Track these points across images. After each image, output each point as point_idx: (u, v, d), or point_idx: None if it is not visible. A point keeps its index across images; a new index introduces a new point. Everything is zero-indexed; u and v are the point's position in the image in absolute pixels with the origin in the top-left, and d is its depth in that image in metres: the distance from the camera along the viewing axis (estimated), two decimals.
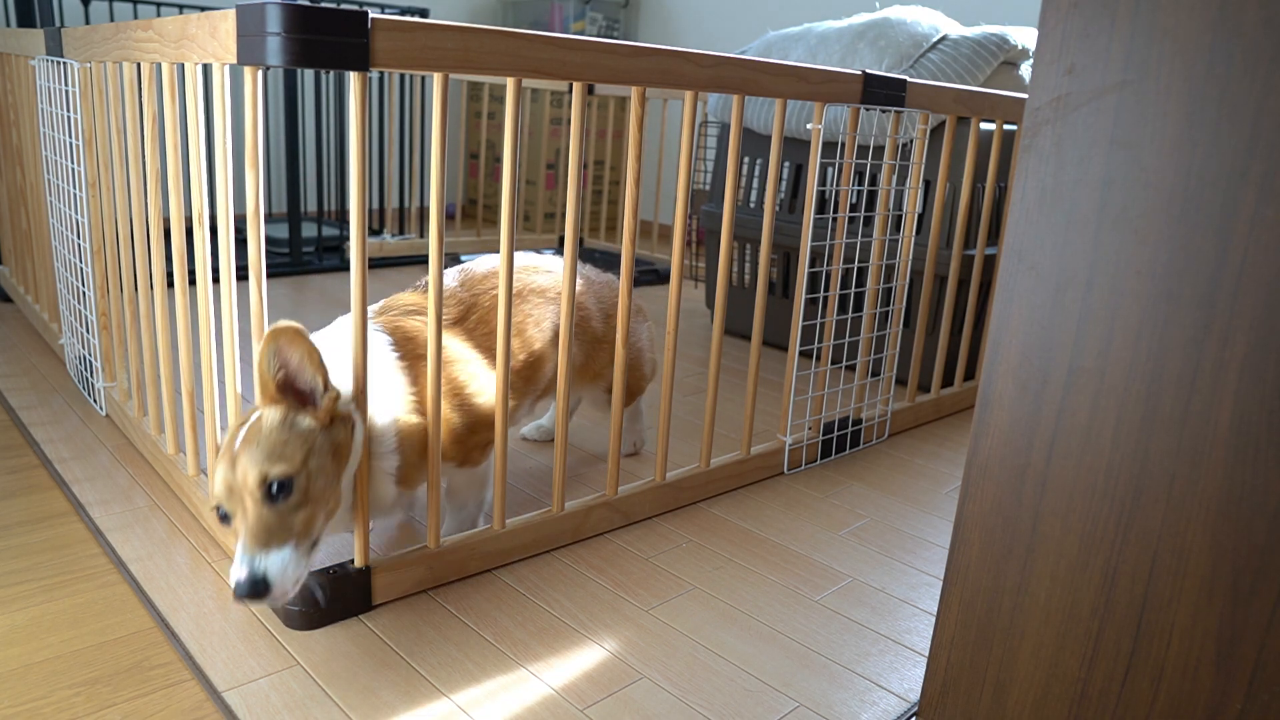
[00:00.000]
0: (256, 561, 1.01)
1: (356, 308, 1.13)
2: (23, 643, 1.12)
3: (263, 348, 1.05)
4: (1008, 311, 0.82)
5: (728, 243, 1.56)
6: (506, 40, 1.13)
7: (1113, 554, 0.78)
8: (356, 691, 1.07)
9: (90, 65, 1.55)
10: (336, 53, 1.01)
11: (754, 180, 2.58)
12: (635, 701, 1.09)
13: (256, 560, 1.01)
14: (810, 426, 1.83)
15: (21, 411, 1.82)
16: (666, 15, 4.58)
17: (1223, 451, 0.70)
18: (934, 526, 1.60)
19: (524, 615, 1.25)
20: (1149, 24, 0.70)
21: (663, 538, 1.49)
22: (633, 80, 1.28)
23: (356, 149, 1.07)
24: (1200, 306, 0.70)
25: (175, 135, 1.29)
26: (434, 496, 1.25)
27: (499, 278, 1.43)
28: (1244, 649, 0.72)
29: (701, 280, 3.34)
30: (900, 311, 1.93)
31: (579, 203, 1.31)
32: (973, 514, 0.87)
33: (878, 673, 1.18)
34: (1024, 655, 0.86)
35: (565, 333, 1.34)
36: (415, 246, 3.59)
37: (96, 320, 1.71)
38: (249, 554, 1.01)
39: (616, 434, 1.45)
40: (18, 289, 2.48)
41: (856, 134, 1.67)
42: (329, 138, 3.59)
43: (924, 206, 2.14)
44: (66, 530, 1.39)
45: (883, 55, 2.26)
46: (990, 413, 0.84)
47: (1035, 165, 0.78)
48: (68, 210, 1.74)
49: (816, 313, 2.09)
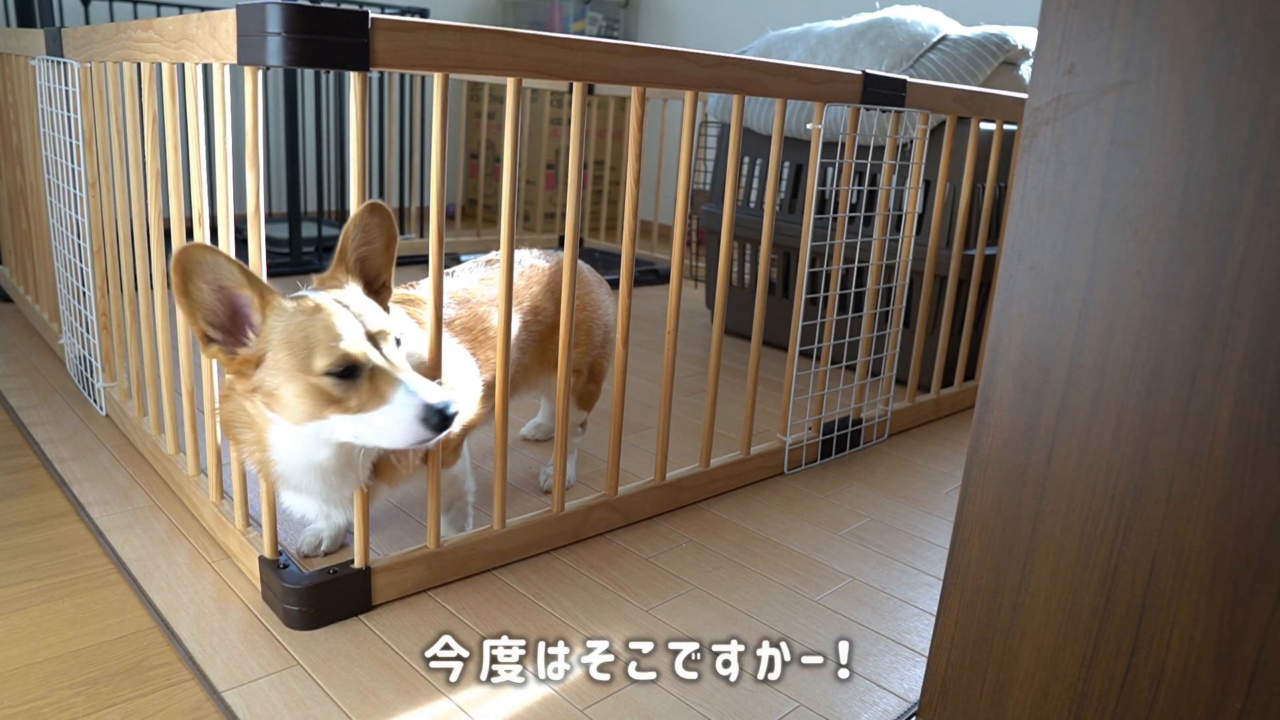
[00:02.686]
0: (433, 389, 1.01)
1: None
2: (23, 643, 1.12)
3: (355, 216, 1.06)
4: (1008, 311, 0.82)
5: (728, 243, 1.56)
6: (506, 40, 1.13)
7: (1113, 554, 0.78)
8: (356, 691, 1.07)
9: (90, 65, 1.55)
10: (336, 53, 1.01)
11: (754, 180, 2.58)
12: (635, 701, 1.09)
13: (432, 388, 1.01)
14: (810, 426, 1.83)
15: (21, 411, 1.82)
16: (666, 15, 4.58)
17: (1223, 451, 0.70)
18: (934, 526, 1.60)
19: (524, 615, 1.24)
20: (1149, 24, 0.70)
21: (663, 538, 1.49)
22: (633, 80, 1.28)
23: (356, 149, 1.07)
24: (1200, 306, 0.70)
25: (175, 135, 1.29)
26: (434, 497, 1.25)
27: (493, 278, 1.43)
28: (1244, 649, 0.72)
29: (701, 280, 3.34)
30: (900, 311, 1.93)
31: (579, 203, 1.31)
32: (973, 514, 0.87)
33: (878, 673, 1.18)
34: (1024, 655, 0.86)
35: (565, 333, 1.34)
36: (415, 246, 3.59)
37: (96, 320, 1.71)
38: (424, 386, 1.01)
39: (618, 419, 1.45)
40: (18, 289, 2.48)
41: (856, 134, 1.67)
42: (329, 138, 3.58)
43: (924, 206, 2.14)
44: (66, 530, 1.39)
45: (883, 55, 2.26)
46: (990, 413, 0.84)
47: (1035, 165, 0.78)
48: (68, 210, 1.74)
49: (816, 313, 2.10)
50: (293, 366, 1.00)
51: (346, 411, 1.01)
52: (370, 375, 1.01)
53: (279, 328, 1.01)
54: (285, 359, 1.00)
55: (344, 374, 0.99)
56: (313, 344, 0.99)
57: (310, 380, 1.00)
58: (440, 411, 0.99)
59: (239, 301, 1.02)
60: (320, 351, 0.98)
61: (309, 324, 1.00)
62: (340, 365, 0.99)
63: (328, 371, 0.99)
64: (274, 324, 1.01)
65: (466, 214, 4.71)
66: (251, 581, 1.27)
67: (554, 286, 1.49)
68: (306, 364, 0.99)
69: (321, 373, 0.99)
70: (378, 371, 1.01)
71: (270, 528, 1.22)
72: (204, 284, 0.99)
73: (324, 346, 0.99)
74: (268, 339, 1.01)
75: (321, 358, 0.98)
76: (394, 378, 1.01)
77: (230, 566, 1.32)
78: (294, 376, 1.00)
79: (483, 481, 1.64)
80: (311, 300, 1.03)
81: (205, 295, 1.00)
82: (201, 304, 1.00)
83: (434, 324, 1.17)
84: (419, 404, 0.99)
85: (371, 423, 1.01)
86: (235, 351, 1.03)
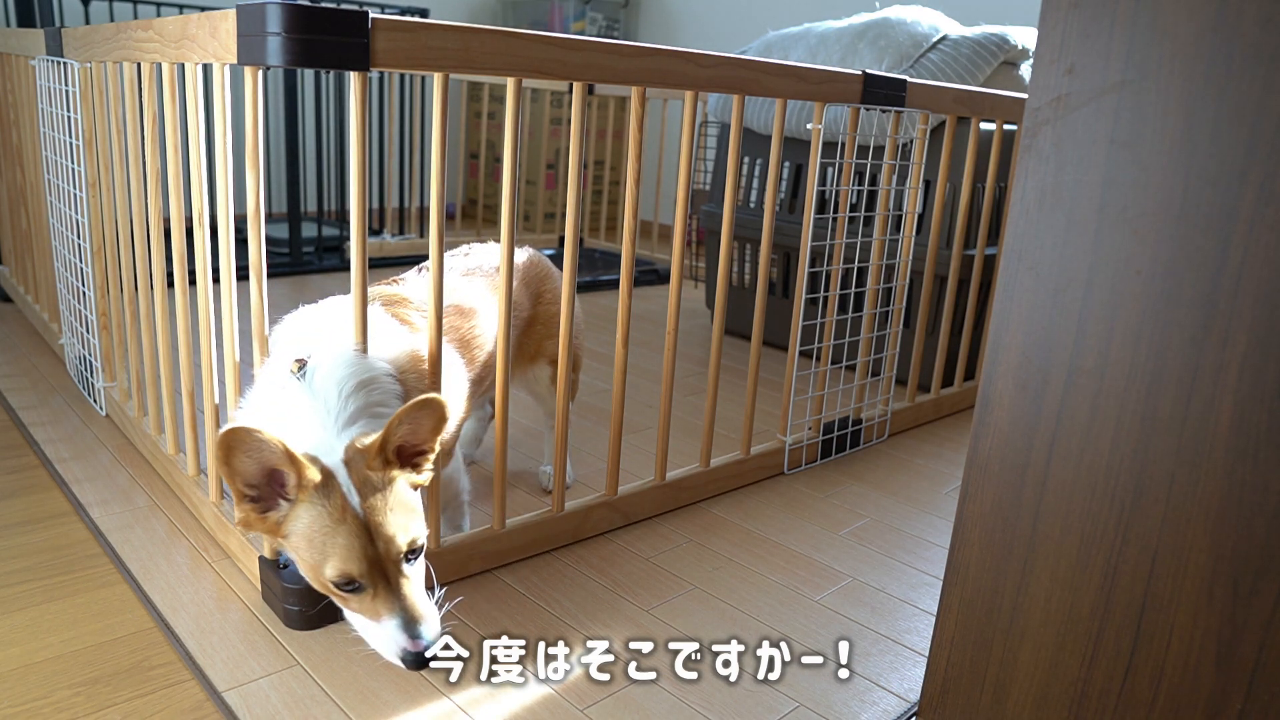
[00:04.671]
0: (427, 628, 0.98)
1: (356, 306, 1.12)
2: (23, 643, 1.12)
3: (405, 411, 1.00)
4: (1008, 311, 0.82)
5: (728, 243, 1.56)
6: (506, 40, 1.13)
7: (1113, 554, 0.78)
8: (356, 691, 1.07)
9: (90, 65, 1.55)
10: (337, 53, 1.01)
11: (754, 180, 2.58)
12: (635, 701, 1.09)
13: (426, 627, 0.98)
14: (810, 426, 1.83)
15: (21, 411, 1.82)
16: (666, 15, 4.58)
17: (1223, 451, 0.70)
18: (934, 526, 1.60)
19: (524, 615, 1.24)
20: (1149, 24, 0.70)
21: (663, 538, 1.49)
22: (633, 80, 1.28)
23: (356, 149, 1.07)
24: (1200, 306, 0.70)
25: (175, 135, 1.29)
26: (434, 498, 1.25)
27: (476, 276, 1.43)
28: (1244, 649, 0.71)
29: (701, 280, 3.34)
30: (900, 311, 1.93)
31: (579, 203, 1.31)
32: (973, 514, 0.87)
33: (878, 673, 1.18)
34: (1024, 655, 0.86)
35: (565, 332, 1.34)
36: (415, 246, 3.59)
37: (96, 320, 1.71)
38: (421, 623, 0.98)
39: (619, 410, 1.45)
40: (18, 289, 2.48)
41: (856, 134, 1.67)
42: (329, 138, 3.58)
43: (924, 206, 2.14)
44: (66, 530, 1.39)
45: (883, 55, 2.26)
46: (990, 413, 0.84)
47: (1035, 165, 0.78)
48: (68, 210, 1.74)
49: (816, 313, 2.10)
50: (307, 563, 1.00)
51: (351, 610, 1.02)
52: (374, 593, 1.00)
53: (305, 520, 1.00)
54: (304, 552, 1.00)
55: (349, 588, 0.99)
56: (327, 554, 0.98)
57: (320, 580, 1.01)
58: (418, 656, 0.98)
59: (278, 473, 1.01)
60: (331, 563, 0.98)
61: (331, 532, 0.98)
62: (344, 581, 0.99)
63: (334, 582, 0.99)
64: (301, 514, 1.00)
65: (466, 214, 4.71)
66: (251, 581, 1.27)
67: (528, 280, 1.50)
68: (319, 568, 0.99)
69: (330, 581, 0.99)
70: (380, 592, 1.00)
71: None
72: (246, 458, 0.98)
73: (336, 560, 0.98)
74: (293, 524, 1.00)
75: (331, 569, 0.98)
76: (390, 605, 0.99)
77: (230, 566, 1.32)
78: (308, 569, 1.01)
79: (482, 480, 1.64)
80: (339, 501, 0.99)
81: (247, 466, 0.99)
82: (242, 473, 0.99)
83: (434, 325, 1.17)
84: (399, 647, 0.98)
85: (368, 631, 1.02)
86: (266, 515, 1.02)
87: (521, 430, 1.89)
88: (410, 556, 1.00)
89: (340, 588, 0.98)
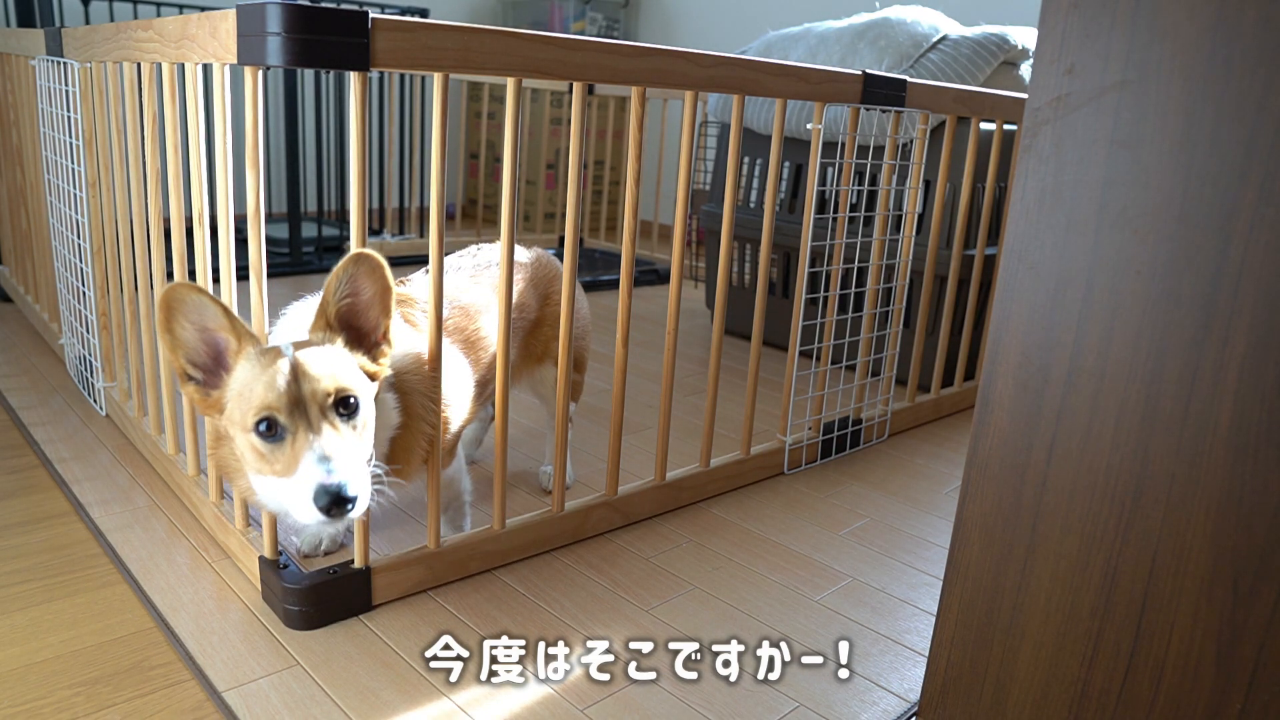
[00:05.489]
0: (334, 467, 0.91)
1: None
2: (23, 643, 1.12)
3: (339, 267, 0.98)
4: (1008, 311, 0.82)
5: (728, 243, 1.56)
6: (506, 40, 1.13)
7: (1113, 554, 0.78)
8: (356, 691, 1.07)
9: (90, 65, 1.55)
10: (337, 53, 1.01)
11: (754, 180, 2.58)
12: (635, 701, 1.09)
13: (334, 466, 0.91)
14: (810, 426, 1.83)
15: (21, 411, 1.82)
16: (666, 15, 4.58)
17: (1223, 451, 0.70)
18: (934, 526, 1.60)
19: (524, 615, 1.25)
20: (1149, 24, 0.70)
21: (663, 538, 1.49)
22: (633, 80, 1.28)
23: (356, 149, 1.07)
24: (1200, 306, 0.70)
25: (175, 135, 1.29)
26: (434, 498, 1.25)
27: (482, 276, 1.43)
28: (1244, 649, 0.71)
29: (701, 280, 3.34)
30: (900, 311, 1.93)
31: (579, 203, 1.31)
32: (973, 514, 0.87)
33: (878, 673, 1.18)
34: (1024, 655, 0.86)
35: (565, 332, 1.34)
36: (415, 246, 3.59)
37: (96, 320, 1.71)
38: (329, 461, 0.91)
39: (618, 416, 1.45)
40: (18, 289, 2.48)
41: (856, 134, 1.67)
42: (329, 138, 3.58)
43: (924, 206, 2.14)
44: (66, 530, 1.39)
45: (883, 55, 2.26)
46: (990, 413, 0.84)
47: (1035, 166, 0.78)
48: (68, 210, 1.74)
49: (816, 313, 2.10)
50: (237, 419, 0.96)
51: (276, 475, 0.95)
52: (294, 439, 0.94)
53: (239, 376, 0.96)
54: (235, 410, 0.96)
55: (269, 434, 0.94)
56: (252, 398, 0.94)
57: (246, 436, 0.95)
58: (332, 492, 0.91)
59: (219, 344, 0.98)
60: (254, 406, 0.93)
61: (258, 377, 0.94)
62: (260, 419, 0.93)
63: (254, 428, 0.93)
64: (237, 374, 0.97)
65: (466, 214, 4.71)
66: (251, 581, 1.27)
67: (536, 280, 1.49)
68: (245, 418, 0.94)
69: (250, 429, 0.93)
70: (300, 436, 0.94)
71: (270, 528, 1.22)
72: (188, 323, 0.96)
73: (257, 399, 0.93)
74: (229, 389, 0.97)
75: (253, 412, 0.93)
76: (307, 445, 0.93)
77: (230, 566, 1.32)
78: (238, 430, 0.97)
79: (482, 480, 1.64)
80: (273, 353, 0.97)
81: (188, 334, 0.97)
82: (184, 342, 0.97)
83: (434, 326, 1.17)
84: (314, 483, 0.91)
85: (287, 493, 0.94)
86: (209, 393, 0.99)
87: (522, 430, 1.89)
88: (341, 409, 0.96)
89: (263, 436, 0.93)
